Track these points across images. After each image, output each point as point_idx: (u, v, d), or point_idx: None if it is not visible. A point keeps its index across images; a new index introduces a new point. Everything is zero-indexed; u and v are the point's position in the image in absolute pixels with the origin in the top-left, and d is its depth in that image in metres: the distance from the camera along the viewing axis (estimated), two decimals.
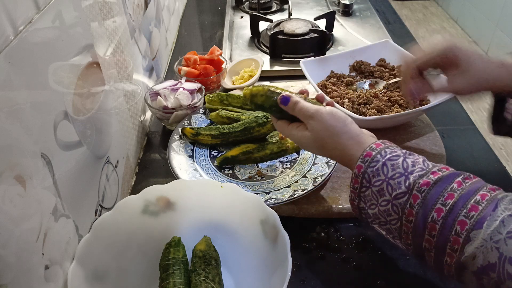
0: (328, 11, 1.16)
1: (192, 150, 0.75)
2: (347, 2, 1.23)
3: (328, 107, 0.54)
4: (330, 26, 1.12)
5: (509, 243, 0.38)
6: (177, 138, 0.76)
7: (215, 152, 0.76)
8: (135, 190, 0.73)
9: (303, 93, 0.59)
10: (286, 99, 0.56)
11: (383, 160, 0.47)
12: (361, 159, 0.48)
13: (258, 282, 0.53)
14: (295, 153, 0.75)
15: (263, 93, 0.59)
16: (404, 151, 0.48)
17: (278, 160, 0.74)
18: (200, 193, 0.59)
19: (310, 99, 0.58)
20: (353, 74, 0.90)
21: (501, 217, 0.39)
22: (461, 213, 0.41)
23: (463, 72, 0.57)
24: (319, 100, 0.59)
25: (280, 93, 0.58)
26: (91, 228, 0.53)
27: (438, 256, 0.42)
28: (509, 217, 0.39)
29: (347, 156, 0.51)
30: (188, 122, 0.80)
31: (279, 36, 1.03)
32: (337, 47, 1.08)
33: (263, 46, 1.09)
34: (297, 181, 0.68)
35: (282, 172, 0.71)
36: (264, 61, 0.98)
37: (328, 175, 0.67)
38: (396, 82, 0.83)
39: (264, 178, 0.70)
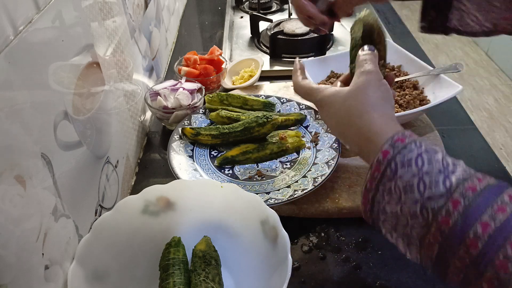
0: None
1: (192, 150, 0.75)
2: None
3: (385, 80, 0.47)
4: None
5: None
6: (177, 138, 0.76)
7: (215, 152, 0.76)
8: (135, 190, 0.73)
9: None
10: (370, 48, 0.50)
11: (419, 151, 0.38)
12: (390, 143, 0.39)
13: (258, 282, 0.53)
14: (295, 153, 0.75)
15: (372, 27, 0.53)
16: (441, 148, 0.42)
17: (278, 160, 0.74)
18: (200, 193, 0.59)
19: (382, 69, 0.52)
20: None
21: None
22: None
23: None
24: (387, 78, 0.51)
25: (373, 41, 0.52)
26: (91, 228, 0.53)
27: (469, 278, 0.34)
28: None
29: (371, 134, 0.41)
30: (188, 122, 0.80)
31: (279, 36, 1.03)
32: (337, 47, 1.08)
33: (263, 46, 1.09)
34: (297, 181, 0.68)
35: (282, 172, 0.71)
36: (264, 61, 0.97)
37: (328, 175, 0.67)
38: (396, 82, 0.83)
39: (264, 178, 0.70)
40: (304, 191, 0.64)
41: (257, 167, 0.73)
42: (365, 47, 0.51)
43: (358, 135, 0.44)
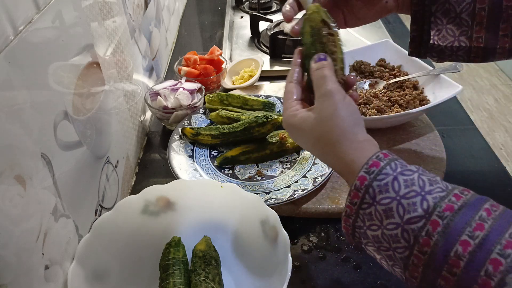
0: None
1: (192, 150, 0.75)
2: None
3: (349, 97, 0.45)
4: None
5: None
6: (177, 138, 0.76)
7: (215, 152, 0.76)
8: (135, 190, 0.73)
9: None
10: (320, 58, 0.47)
11: (394, 174, 0.38)
12: (366, 169, 0.39)
13: (258, 282, 0.53)
14: (295, 153, 0.75)
15: (313, 31, 0.49)
16: (417, 166, 0.40)
17: (278, 160, 0.74)
18: (200, 193, 0.59)
19: (340, 73, 0.49)
20: (353, 74, 0.90)
21: None
22: (494, 249, 0.33)
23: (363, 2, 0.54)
24: (347, 83, 0.49)
25: (324, 46, 0.48)
26: (91, 228, 0.53)
27: (472, 265, 0.34)
28: None
29: (346, 161, 0.42)
30: (188, 122, 0.80)
31: (279, 36, 1.03)
32: None
33: (263, 46, 1.09)
34: (297, 181, 0.68)
35: (282, 172, 0.71)
36: (264, 61, 0.98)
37: (328, 175, 0.67)
38: (396, 82, 0.83)
39: (264, 178, 0.70)
40: (304, 191, 0.64)
41: (257, 167, 0.73)
42: (315, 57, 0.47)
43: (335, 161, 0.44)
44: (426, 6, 0.54)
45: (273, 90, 0.93)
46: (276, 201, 0.63)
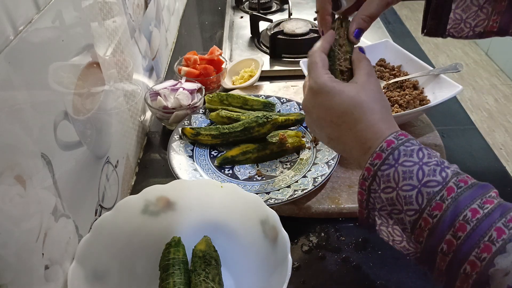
0: None
1: (192, 150, 0.76)
2: None
3: None
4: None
5: None
6: (177, 138, 0.76)
7: (215, 152, 0.76)
8: (135, 190, 0.73)
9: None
10: (362, 49, 0.51)
11: (420, 146, 0.42)
12: (395, 136, 0.42)
13: (258, 282, 0.53)
14: (295, 153, 0.75)
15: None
16: (421, 153, 0.42)
17: (278, 160, 0.74)
18: (200, 193, 0.59)
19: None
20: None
21: None
22: (499, 221, 0.36)
23: None
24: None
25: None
26: (91, 228, 0.53)
27: (455, 263, 0.37)
28: None
29: (375, 130, 0.44)
30: (188, 122, 0.80)
31: (279, 36, 1.03)
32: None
33: (263, 46, 1.09)
34: (297, 181, 0.68)
35: (282, 172, 0.71)
36: (264, 61, 0.98)
37: (328, 175, 0.67)
38: (396, 82, 0.83)
39: (264, 178, 0.70)
40: (304, 191, 0.64)
41: (257, 167, 0.73)
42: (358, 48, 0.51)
43: (361, 131, 0.44)
44: None
45: (273, 90, 0.93)
46: (276, 201, 0.63)
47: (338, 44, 0.52)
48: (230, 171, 0.72)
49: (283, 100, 0.85)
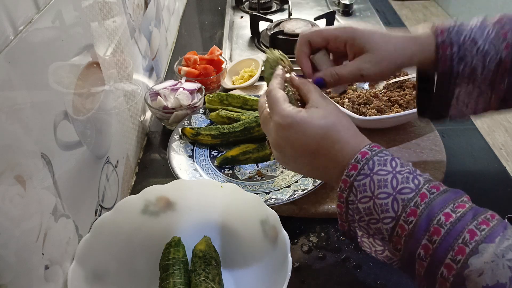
0: (328, 11, 1.16)
1: (192, 150, 0.76)
2: (347, 2, 1.23)
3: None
4: (330, 26, 1.12)
5: None
6: (177, 138, 0.76)
7: (215, 152, 0.76)
8: (135, 190, 0.73)
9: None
10: (301, 75, 0.52)
11: (392, 156, 0.43)
12: (368, 147, 0.44)
13: (258, 282, 0.53)
14: None
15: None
16: (394, 163, 0.43)
17: None
18: (200, 193, 0.59)
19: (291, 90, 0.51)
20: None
21: None
22: (471, 223, 0.37)
23: (369, 56, 0.50)
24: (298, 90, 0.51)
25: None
26: (91, 228, 0.53)
27: (432, 267, 0.38)
28: None
29: (349, 149, 0.44)
30: (188, 122, 0.80)
31: (279, 36, 1.03)
32: None
33: (263, 46, 1.09)
34: (297, 181, 0.68)
35: (282, 172, 0.71)
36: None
37: None
38: (396, 82, 0.83)
39: (264, 178, 0.70)
40: (304, 191, 0.64)
41: (257, 167, 0.73)
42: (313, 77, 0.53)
43: (335, 151, 0.45)
44: (454, 66, 0.51)
45: None
46: (276, 201, 0.63)
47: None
48: (230, 171, 0.72)
49: None
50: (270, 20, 1.12)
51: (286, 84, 0.51)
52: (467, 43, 0.51)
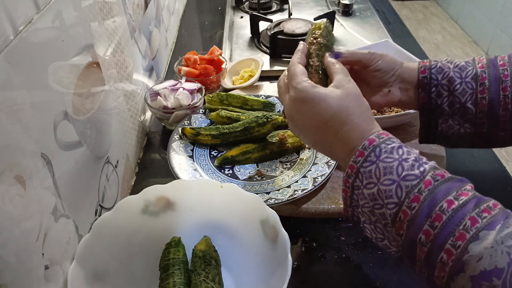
0: (328, 11, 1.16)
1: (192, 150, 0.76)
2: (347, 2, 1.23)
3: None
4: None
5: None
6: (177, 138, 0.76)
7: (215, 152, 0.76)
8: (135, 190, 0.73)
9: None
10: (337, 55, 0.55)
11: (400, 144, 0.44)
12: (376, 135, 0.45)
13: (258, 282, 0.53)
14: (295, 153, 0.75)
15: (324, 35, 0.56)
16: (401, 150, 0.44)
17: (278, 160, 0.74)
18: (200, 193, 0.59)
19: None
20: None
21: None
22: (473, 211, 0.38)
23: (397, 81, 0.59)
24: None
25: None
26: (91, 228, 0.53)
27: (432, 252, 0.39)
28: None
29: (360, 131, 0.46)
30: (188, 122, 0.80)
31: (279, 36, 1.03)
32: (337, 47, 1.08)
33: (263, 46, 1.09)
34: (297, 181, 0.68)
35: (282, 172, 0.71)
36: (264, 61, 0.98)
37: (328, 175, 0.67)
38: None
39: (264, 178, 0.70)
40: (304, 191, 0.64)
41: (257, 167, 0.73)
42: (332, 53, 0.56)
43: (343, 132, 0.47)
44: (432, 99, 0.57)
45: (273, 90, 0.93)
46: (276, 201, 0.63)
47: (311, 57, 0.55)
48: (230, 171, 0.72)
49: None
50: (270, 20, 1.12)
51: (312, 57, 0.55)
52: (444, 81, 0.56)
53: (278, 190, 0.67)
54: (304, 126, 0.50)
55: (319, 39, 0.56)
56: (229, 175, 0.72)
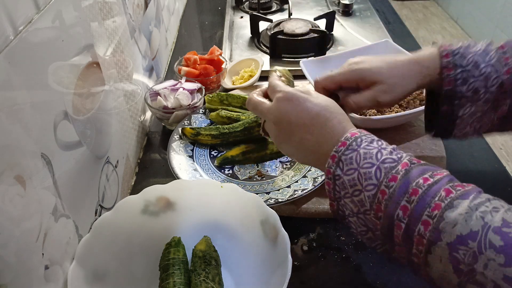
0: (328, 11, 1.16)
1: (192, 150, 0.76)
2: (347, 2, 1.23)
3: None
4: (330, 26, 1.12)
5: (495, 216, 0.37)
6: (177, 138, 0.76)
7: (215, 152, 0.76)
8: (135, 190, 0.73)
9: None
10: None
11: (378, 139, 0.47)
12: (357, 130, 0.48)
13: (258, 282, 0.53)
14: None
15: None
16: (380, 142, 0.47)
17: (278, 160, 0.74)
18: (200, 193, 0.59)
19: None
20: None
21: (486, 197, 0.39)
22: (448, 184, 0.41)
23: (381, 87, 0.57)
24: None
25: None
26: (91, 228, 0.53)
27: (410, 227, 0.40)
28: (494, 199, 0.39)
29: (339, 130, 0.48)
30: (188, 122, 0.80)
31: (279, 36, 1.03)
32: (337, 47, 1.07)
33: (263, 46, 1.09)
34: (297, 181, 0.68)
35: (282, 172, 0.71)
36: (264, 61, 0.97)
37: None
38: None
39: (264, 178, 0.70)
40: (304, 191, 0.64)
41: (257, 167, 0.73)
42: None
43: (328, 126, 0.49)
44: (457, 87, 0.56)
45: None
46: (276, 201, 0.63)
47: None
48: (230, 171, 0.72)
49: None
50: (270, 20, 1.12)
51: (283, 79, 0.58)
52: (470, 66, 0.55)
53: (278, 190, 0.67)
54: (290, 124, 0.50)
55: (283, 78, 0.58)
56: (229, 175, 0.72)
